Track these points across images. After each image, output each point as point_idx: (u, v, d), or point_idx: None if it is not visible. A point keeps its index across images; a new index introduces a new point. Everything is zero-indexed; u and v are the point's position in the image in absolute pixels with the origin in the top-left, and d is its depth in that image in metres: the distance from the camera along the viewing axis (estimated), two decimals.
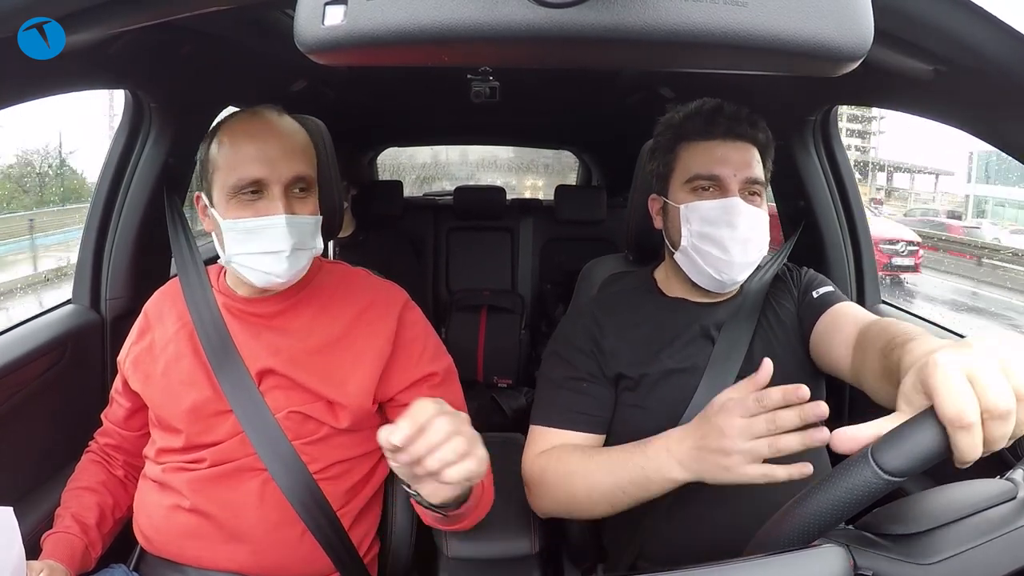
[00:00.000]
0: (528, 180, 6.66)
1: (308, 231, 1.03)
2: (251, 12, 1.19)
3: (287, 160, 1.00)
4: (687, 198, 1.13)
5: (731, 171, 1.10)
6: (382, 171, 4.11)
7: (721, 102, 1.14)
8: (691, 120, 1.14)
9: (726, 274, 1.11)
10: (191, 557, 1.04)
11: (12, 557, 0.80)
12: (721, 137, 1.11)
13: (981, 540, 0.56)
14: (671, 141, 1.17)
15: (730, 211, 1.09)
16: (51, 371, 1.30)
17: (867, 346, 0.93)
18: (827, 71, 0.57)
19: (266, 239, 0.99)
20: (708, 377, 1.10)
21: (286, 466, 1.02)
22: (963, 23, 0.75)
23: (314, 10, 0.53)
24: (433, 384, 1.11)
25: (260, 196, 1.00)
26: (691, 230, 1.11)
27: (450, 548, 1.11)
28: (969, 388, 0.51)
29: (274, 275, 1.01)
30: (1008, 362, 0.52)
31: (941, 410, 0.52)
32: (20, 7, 0.68)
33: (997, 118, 0.92)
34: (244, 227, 1.00)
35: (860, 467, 0.54)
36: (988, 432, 0.51)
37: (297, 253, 1.01)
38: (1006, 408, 0.51)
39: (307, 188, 1.04)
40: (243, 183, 0.99)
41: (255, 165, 0.99)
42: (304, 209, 1.03)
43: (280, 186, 0.99)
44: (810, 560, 0.56)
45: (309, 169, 1.04)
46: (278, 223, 0.99)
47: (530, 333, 2.76)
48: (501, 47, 0.55)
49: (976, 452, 0.51)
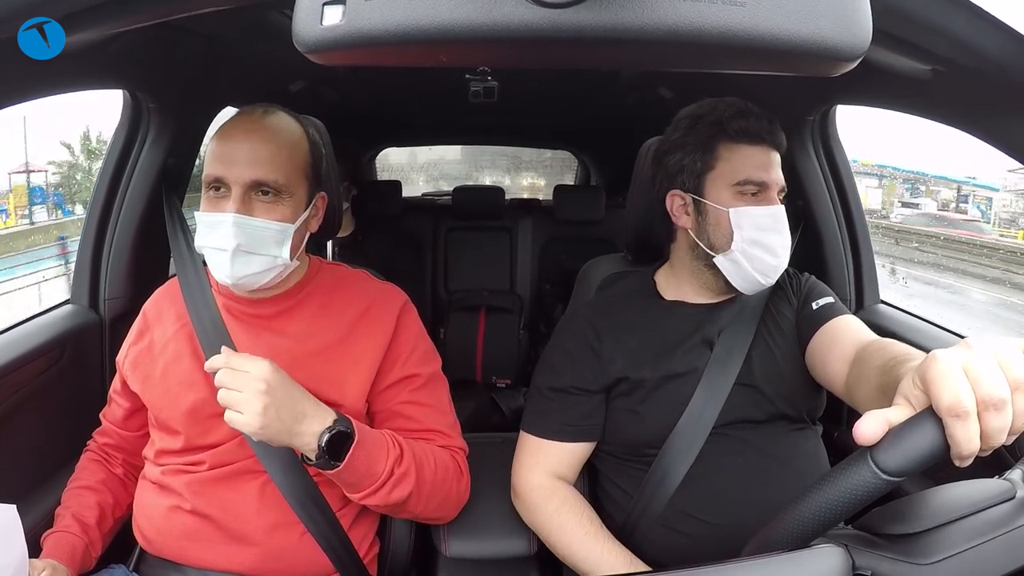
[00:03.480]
0: (526, 180, 6.57)
1: (265, 236, 0.99)
2: (250, 12, 1.19)
3: (251, 164, 0.98)
4: (733, 201, 1.10)
5: (774, 177, 1.11)
6: (390, 172, 4.11)
7: (748, 104, 1.13)
8: (735, 120, 1.11)
9: (769, 278, 1.10)
10: (191, 558, 1.04)
11: (15, 555, 0.79)
12: (761, 141, 1.11)
13: (979, 540, 0.56)
14: (710, 138, 1.13)
15: (778, 219, 1.10)
16: (50, 371, 1.30)
17: (865, 363, 0.93)
18: (826, 71, 0.57)
19: (216, 235, 0.99)
20: (705, 383, 1.10)
21: (285, 468, 1.02)
22: (962, 23, 0.75)
23: (312, 10, 0.53)
24: (414, 387, 1.10)
25: (222, 195, 1.00)
26: (743, 235, 1.09)
27: (449, 548, 1.11)
28: (964, 379, 0.52)
29: (222, 273, 1.00)
30: (1004, 355, 0.53)
31: (937, 400, 0.52)
32: (20, 7, 0.68)
33: (995, 118, 0.92)
34: (205, 220, 1.00)
35: (859, 467, 0.54)
36: (985, 424, 0.51)
37: (246, 256, 0.98)
38: (1000, 397, 0.51)
39: (275, 193, 1.00)
40: (208, 179, 1.00)
41: (218, 164, 0.99)
42: (266, 213, 0.99)
43: (240, 187, 0.98)
44: (810, 560, 0.56)
45: (276, 175, 0.99)
46: (225, 220, 0.97)
47: (529, 333, 2.76)
48: (499, 47, 0.56)
49: (973, 445, 0.51)
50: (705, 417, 1.08)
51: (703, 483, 1.07)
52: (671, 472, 1.07)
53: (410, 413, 1.09)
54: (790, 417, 1.12)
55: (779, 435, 1.11)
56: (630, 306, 1.21)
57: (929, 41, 0.80)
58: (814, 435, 1.16)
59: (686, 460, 1.07)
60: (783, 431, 1.12)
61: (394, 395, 1.09)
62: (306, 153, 1.05)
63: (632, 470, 1.13)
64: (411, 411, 1.09)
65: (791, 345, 1.14)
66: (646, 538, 1.09)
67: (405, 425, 1.08)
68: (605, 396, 1.15)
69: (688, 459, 1.07)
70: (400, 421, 1.09)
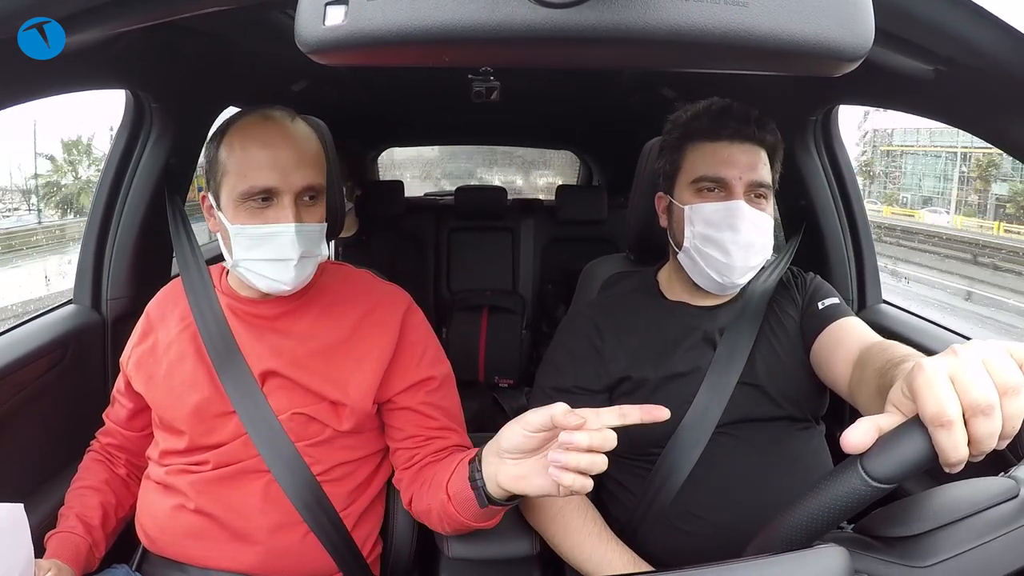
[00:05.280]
0: (542, 179, 5.85)
1: (315, 239, 1.03)
2: (252, 12, 1.20)
3: (299, 169, 0.99)
4: (692, 199, 1.13)
5: (736, 173, 1.09)
6: (391, 168, 4.11)
7: (730, 102, 1.13)
8: (699, 120, 1.14)
9: (727, 277, 1.11)
10: (195, 557, 1.04)
11: (22, 554, 0.79)
12: (728, 138, 1.11)
13: (979, 541, 0.56)
14: (678, 140, 1.16)
15: (733, 214, 1.09)
16: (52, 371, 1.31)
17: (866, 365, 0.94)
18: (828, 71, 0.57)
19: (274, 247, 0.99)
20: (708, 382, 1.10)
21: (289, 468, 1.02)
22: (964, 23, 0.75)
23: (315, 10, 0.53)
24: (430, 388, 1.11)
25: (270, 204, 0.99)
26: (694, 231, 1.11)
27: (451, 548, 1.11)
28: (950, 387, 0.52)
29: (281, 282, 1.01)
30: (991, 359, 0.53)
31: (922, 410, 0.52)
32: (20, 7, 0.68)
33: (998, 118, 0.92)
34: (253, 233, 0.99)
35: (849, 474, 0.55)
36: (973, 430, 0.51)
37: (304, 261, 1.01)
38: (987, 403, 0.51)
39: (316, 196, 1.03)
40: (255, 191, 0.98)
41: (267, 173, 0.98)
42: (312, 217, 1.02)
43: (291, 195, 0.99)
44: (811, 560, 0.56)
45: (319, 178, 1.03)
46: (287, 232, 0.98)
47: (531, 333, 2.76)
48: (502, 47, 0.55)
49: (960, 453, 0.51)
50: (709, 416, 1.08)
51: (707, 482, 1.07)
52: (675, 471, 1.07)
53: (429, 413, 1.09)
54: (794, 416, 1.12)
55: (783, 434, 1.11)
56: (633, 306, 1.21)
57: (931, 41, 0.80)
58: (818, 434, 1.15)
59: (690, 459, 1.07)
60: (787, 430, 1.12)
61: (411, 396, 1.09)
62: (325, 154, 1.08)
63: (636, 470, 1.13)
64: (429, 411, 1.10)
65: (795, 345, 1.14)
66: (650, 537, 1.09)
67: (424, 423, 1.09)
68: (608, 396, 1.15)
69: (692, 458, 1.07)
70: (419, 419, 1.09)
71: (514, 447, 0.83)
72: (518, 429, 0.82)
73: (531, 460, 0.83)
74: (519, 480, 0.84)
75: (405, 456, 1.09)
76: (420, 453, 1.08)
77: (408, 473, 1.09)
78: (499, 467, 0.86)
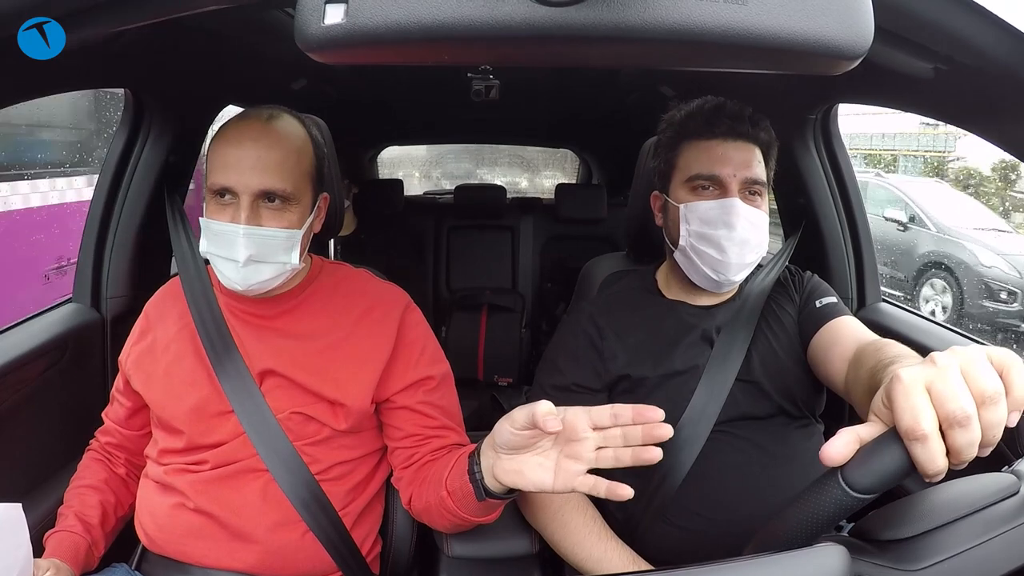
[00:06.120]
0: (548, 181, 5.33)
1: (274, 244, 1.00)
2: (251, 11, 1.19)
3: (258, 172, 0.97)
4: (686, 197, 1.13)
5: (731, 171, 1.10)
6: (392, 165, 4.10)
7: (724, 101, 1.14)
8: (692, 118, 1.14)
9: (722, 274, 1.11)
10: (194, 556, 1.04)
11: (20, 553, 0.79)
12: (722, 136, 1.11)
13: (976, 541, 0.56)
14: (673, 139, 1.17)
15: (728, 211, 1.09)
16: (52, 370, 1.31)
17: (860, 364, 0.94)
18: (828, 69, 0.57)
19: (226, 245, 0.99)
20: (706, 380, 1.10)
21: (287, 467, 1.02)
22: (964, 21, 0.75)
23: (315, 9, 0.53)
24: (429, 388, 1.11)
25: (231, 202, 0.99)
26: (689, 230, 1.11)
27: (451, 547, 1.11)
28: (926, 400, 0.52)
29: (233, 281, 1.00)
30: (970, 367, 0.52)
31: (897, 422, 0.52)
32: (20, 7, 0.68)
33: (998, 117, 0.92)
34: (212, 228, 1.00)
35: (830, 486, 0.55)
36: (951, 441, 0.51)
37: (256, 265, 0.99)
38: (963, 415, 0.51)
39: (285, 200, 1.00)
40: (214, 188, 0.99)
41: (226, 172, 0.98)
42: (274, 222, 0.99)
43: (248, 196, 0.98)
44: (811, 559, 0.56)
45: (284, 183, 0.99)
46: (235, 232, 0.97)
47: (531, 332, 2.76)
48: (501, 46, 0.55)
49: (936, 465, 0.51)
50: (707, 414, 1.08)
51: (706, 479, 1.07)
52: (674, 469, 1.07)
53: (427, 412, 1.09)
54: (792, 414, 1.12)
55: (781, 431, 1.11)
56: (632, 304, 1.22)
57: (931, 39, 0.80)
58: (817, 432, 1.16)
59: (689, 457, 1.07)
60: (785, 427, 1.12)
61: (409, 396, 1.09)
62: (311, 156, 1.05)
63: (635, 467, 1.13)
64: (428, 410, 1.10)
65: (793, 342, 1.15)
66: (649, 535, 1.09)
67: (422, 423, 1.09)
68: (607, 394, 1.15)
69: (691, 456, 1.07)
70: (417, 419, 1.09)
71: (504, 443, 0.83)
72: (507, 426, 0.82)
73: (525, 455, 0.84)
74: (514, 475, 0.84)
75: (404, 455, 1.10)
76: (419, 452, 1.08)
77: (407, 472, 1.09)
78: (495, 461, 0.86)
